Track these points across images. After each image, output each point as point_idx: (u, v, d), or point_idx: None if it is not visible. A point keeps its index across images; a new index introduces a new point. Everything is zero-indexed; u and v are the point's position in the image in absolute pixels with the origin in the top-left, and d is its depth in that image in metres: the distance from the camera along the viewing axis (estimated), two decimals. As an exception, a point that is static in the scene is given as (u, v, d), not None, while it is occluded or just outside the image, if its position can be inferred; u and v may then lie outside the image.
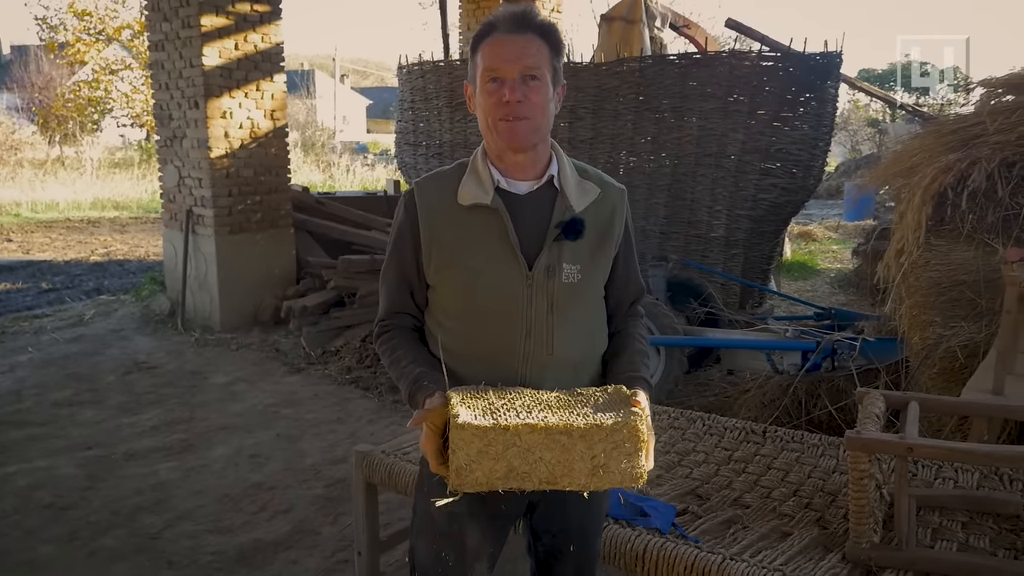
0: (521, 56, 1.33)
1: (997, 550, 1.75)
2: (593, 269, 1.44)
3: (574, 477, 1.22)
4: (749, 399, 3.67)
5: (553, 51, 1.37)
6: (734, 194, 5.42)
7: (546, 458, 1.21)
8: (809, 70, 5.20)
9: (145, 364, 5.30)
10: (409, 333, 1.49)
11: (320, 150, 23.33)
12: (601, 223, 1.45)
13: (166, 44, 6.05)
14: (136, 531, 3.01)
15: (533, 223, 1.40)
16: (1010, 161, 2.96)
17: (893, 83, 27.97)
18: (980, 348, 2.87)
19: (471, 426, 1.19)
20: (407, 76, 7.44)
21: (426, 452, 1.27)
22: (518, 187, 1.41)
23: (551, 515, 1.50)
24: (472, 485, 1.20)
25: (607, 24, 6.84)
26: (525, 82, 1.33)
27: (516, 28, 1.34)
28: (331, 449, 3.85)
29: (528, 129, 1.35)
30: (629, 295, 1.56)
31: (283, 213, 6.47)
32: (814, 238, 11.33)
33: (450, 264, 1.40)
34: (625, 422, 1.22)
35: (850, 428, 1.74)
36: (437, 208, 1.41)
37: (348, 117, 39.38)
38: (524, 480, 1.21)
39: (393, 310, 1.50)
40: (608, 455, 1.22)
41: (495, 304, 1.38)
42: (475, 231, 1.39)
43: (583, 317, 1.45)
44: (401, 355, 1.43)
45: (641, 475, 1.22)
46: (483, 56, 1.36)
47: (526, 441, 1.20)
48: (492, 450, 1.19)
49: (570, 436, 1.20)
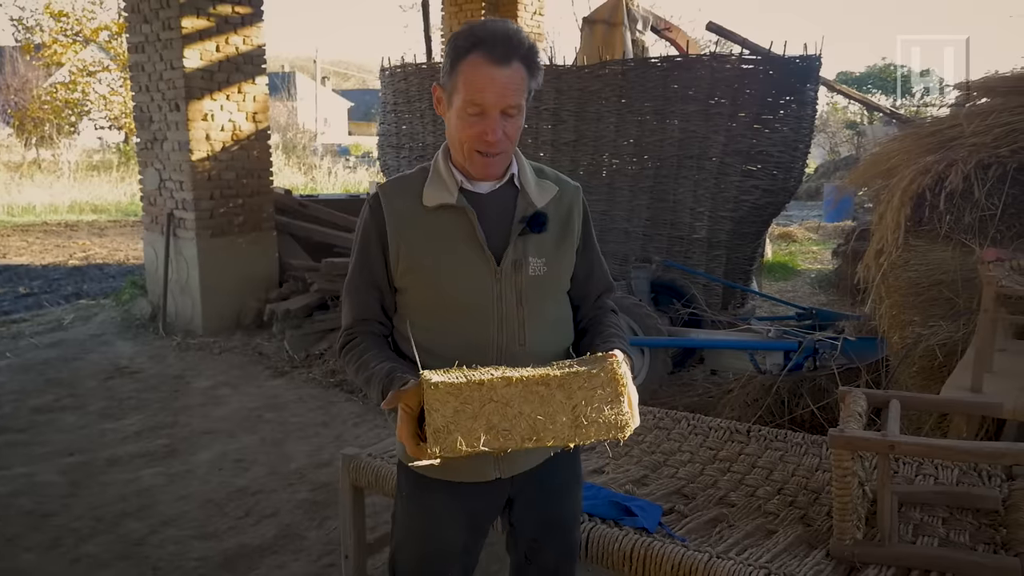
0: (505, 94, 1.32)
1: (977, 545, 1.78)
2: (558, 262, 1.48)
3: (557, 430, 1.19)
4: (732, 399, 3.70)
5: (532, 76, 1.37)
6: (716, 196, 5.46)
7: (526, 412, 1.18)
8: (789, 73, 5.26)
9: (127, 369, 5.25)
10: (377, 339, 1.47)
11: (301, 152, 23.19)
12: (561, 218, 1.49)
13: (146, 46, 6.00)
14: (120, 537, 2.99)
15: (497, 219, 1.43)
16: (986, 163, 3.01)
17: (870, 86, 28.34)
18: (958, 347, 2.91)
19: (444, 384, 1.16)
20: (390, 78, 7.43)
21: (401, 437, 1.22)
22: (480, 187, 1.44)
23: (529, 508, 1.52)
24: (452, 448, 1.15)
25: (589, 27, 6.87)
26: (505, 118, 1.35)
27: (503, 57, 1.31)
28: (316, 453, 3.84)
29: (502, 162, 1.41)
30: (594, 288, 1.59)
31: (265, 216, 6.43)
32: (794, 239, 11.44)
33: (419, 264, 1.42)
34: (602, 367, 1.22)
35: (832, 426, 1.76)
36: (403, 211, 1.43)
37: (329, 119, 39.20)
38: (506, 438, 1.17)
39: (360, 317, 1.48)
40: (588, 402, 1.20)
41: (466, 299, 1.40)
42: (442, 230, 1.41)
43: (551, 309, 1.49)
44: (370, 357, 1.40)
45: (626, 423, 1.20)
46: (465, 81, 1.32)
47: (503, 395, 1.17)
48: (469, 408, 1.16)
49: (548, 386, 1.19)
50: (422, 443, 1.18)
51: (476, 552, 1.52)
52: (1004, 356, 2.62)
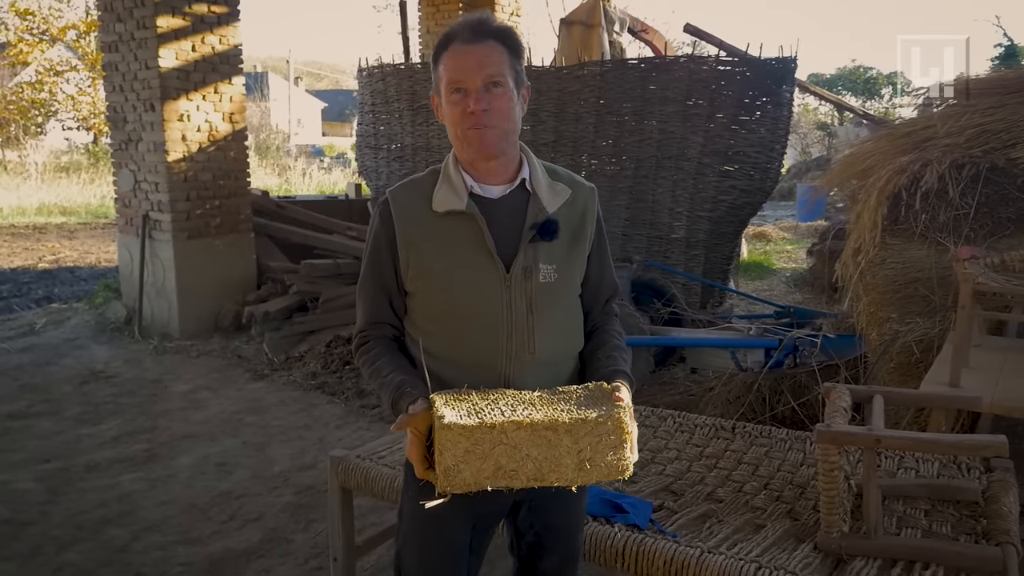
0: (482, 65, 1.34)
1: (959, 535, 1.82)
2: (569, 268, 1.47)
3: (561, 472, 1.23)
4: (714, 397, 3.74)
5: (513, 55, 1.39)
6: (694, 196, 5.53)
7: (533, 455, 1.22)
8: (765, 74, 5.34)
9: (102, 373, 5.17)
10: (389, 343, 1.49)
11: (275, 154, 22.98)
12: (574, 223, 1.48)
13: (120, 45, 5.92)
14: (102, 544, 2.95)
15: (508, 226, 1.42)
16: (960, 163, 3.09)
17: (840, 87, 28.78)
18: (934, 343, 2.98)
19: (457, 426, 1.19)
20: (367, 79, 7.40)
21: (411, 458, 1.26)
22: (491, 191, 1.43)
23: (535, 513, 1.52)
24: (461, 486, 1.20)
25: (567, 28, 6.91)
26: (488, 90, 1.35)
27: (474, 37, 1.35)
28: (300, 455, 3.81)
29: (496, 136, 1.37)
30: (604, 293, 1.58)
31: (243, 217, 6.38)
32: (769, 239, 11.59)
33: (429, 271, 1.41)
34: (609, 415, 1.24)
35: (813, 422, 1.80)
36: (413, 216, 1.42)
37: (303, 120, 38.90)
38: (512, 478, 1.22)
39: (372, 320, 1.50)
40: (594, 448, 1.23)
41: (475, 307, 1.40)
42: (452, 237, 1.41)
43: (561, 316, 1.48)
44: (382, 364, 1.42)
45: (627, 467, 1.24)
46: (445, 68, 1.37)
47: (513, 438, 1.21)
48: (479, 449, 1.20)
49: (556, 431, 1.22)
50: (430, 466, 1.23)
51: (481, 553, 1.52)
52: (979, 351, 2.68)
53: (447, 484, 1.20)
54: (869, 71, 31.04)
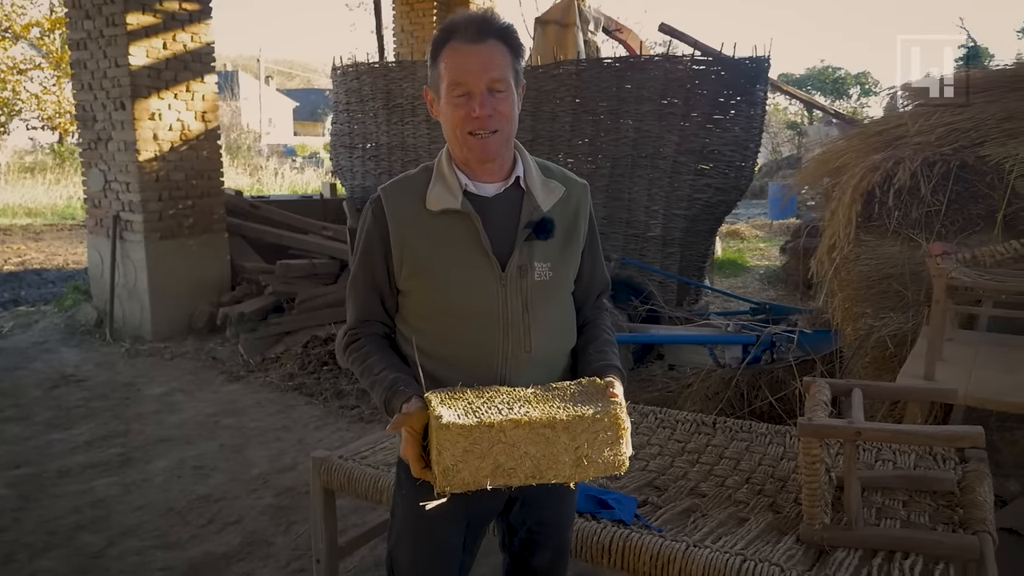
0: (486, 68, 1.33)
1: (937, 525, 1.86)
2: (563, 266, 1.46)
3: (559, 469, 1.24)
4: (693, 393, 3.78)
5: (514, 55, 1.38)
6: (670, 194, 5.57)
7: (531, 452, 1.22)
8: (739, 74, 5.39)
9: (73, 377, 5.07)
10: (380, 341, 1.48)
11: (246, 153, 22.71)
12: (568, 220, 1.47)
13: (89, 42, 5.81)
14: (77, 551, 2.89)
15: (503, 224, 1.41)
16: (931, 160, 3.15)
17: (810, 87, 29.17)
18: (908, 337, 3.04)
19: (456, 426, 1.18)
20: (342, 78, 7.36)
21: (407, 457, 1.25)
22: (485, 190, 1.42)
23: (528, 509, 1.53)
24: (460, 485, 1.20)
25: (542, 27, 6.93)
26: (492, 94, 1.34)
27: (477, 36, 1.33)
28: (278, 457, 3.78)
29: (498, 142, 1.37)
30: (595, 289, 1.58)
31: (216, 218, 6.30)
32: (742, 236, 11.72)
33: (423, 270, 1.40)
34: (606, 411, 1.25)
35: (790, 417, 1.82)
36: (406, 215, 1.41)
37: (274, 120, 38.53)
38: (510, 476, 1.22)
39: (363, 318, 1.48)
40: (591, 445, 1.24)
41: (471, 306, 1.39)
42: (446, 235, 1.40)
43: (556, 314, 1.47)
44: (373, 362, 1.41)
45: (623, 462, 1.25)
46: (447, 67, 1.35)
47: (511, 437, 1.21)
48: (478, 448, 1.19)
49: (554, 429, 1.22)
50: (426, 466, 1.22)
51: (474, 551, 1.52)
52: (952, 345, 2.74)
53: (446, 484, 1.20)
54: (838, 71, 31.54)
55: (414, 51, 8.56)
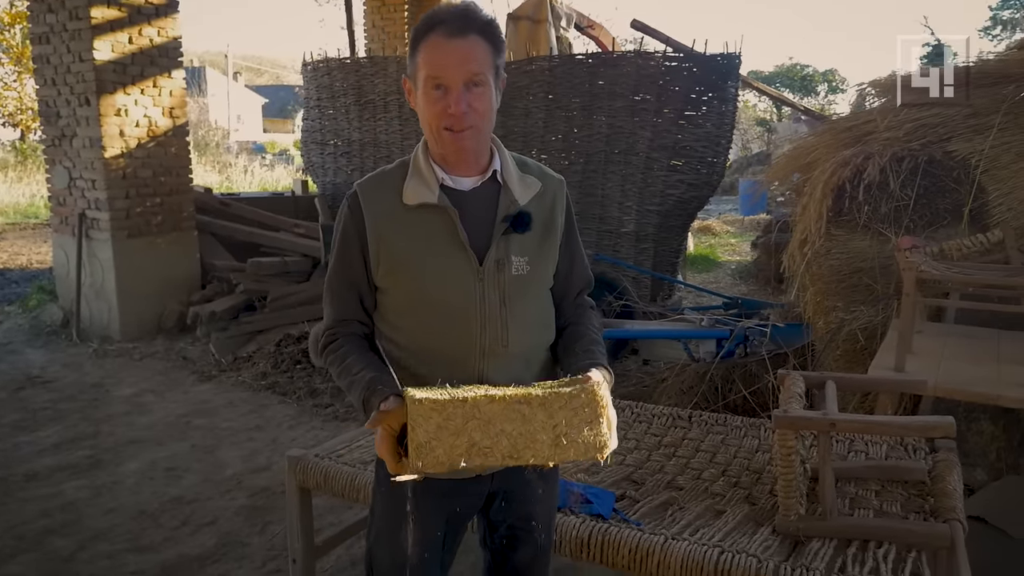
0: (465, 62, 1.31)
1: (908, 514, 1.89)
2: (541, 261, 1.46)
3: (537, 449, 1.20)
4: (668, 387, 3.80)
5: (495, 50, 1.36)
6: (643, 190, 5.60)
7: (507, 430, 1.19)
8: (711, 70, 5.43)
9: (39, 378, 4.97)
10: (358, 340, 1.46)
11: (215, 150, 22.40)
12: (544, 215, 1.47)
13: (52, 36, 5.69)
14: (47, 555, 2.83)
15: (480, 218, 1.40)
16: (900, 156, 3.20)
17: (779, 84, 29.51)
18: (878, 330, 3.09)
19: (428, 400, 1.16)
20: (312, 73, 7.28)
21: (382, 454, 1.24)
22: (462, 183, 1.41)
23: (509, 505, 1.52)
24: (434, 464, 1.17)
25: (514, 23, 6.92)
26: (469, 89, 1.32)
27: (459, 30, 1.31)
28: (252, 457, 3.73)
29: (473, 138, 1.36)
30: (575, 285, 1.57)
31: (185, 215, 6.20)
32: (714, 232, 11.82)
33: (401, 265, 1.39)
34: (583, 388, 1.23)
35: (764, 410, 1.84)
36: (383, 210, 1.40)
37: (243, 116, 38.02)
38: (487, 455, 1.19)
39: (340, 318, 1.46)
40: (569, 423, 1.21)
41: (449, 300, 1.38)
42: (423, 230, 1.39)
43: (534, 308, 1.47)
44: (352, 362, 1.39)
45: (604, 444, 1.22)
46: (425, 59, 1.33)
47: (485, 412, 1.18)
48: (452, 424, 1.17)
49: (530, 405, 1.20)
50: (403, 460, 1.19)
51: (454, 549, 1.51)
52: (921, 337, 2.79)
53: (419, 461, 1.16)
54: (806, 68, 31.94)
55: (385, 47, 8.49)
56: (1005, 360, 2.64)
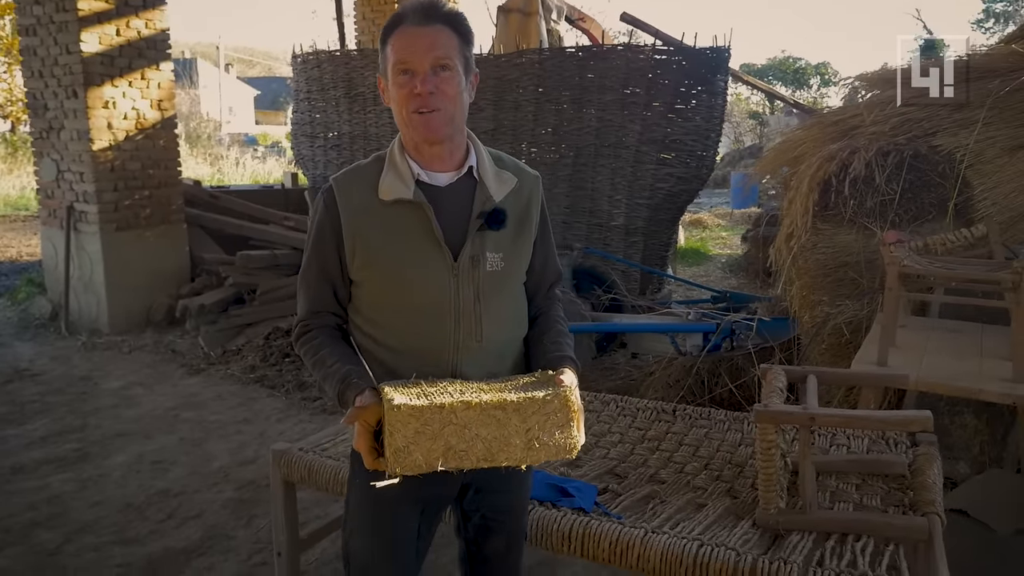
0: (431, 47, 1.33)
1: (888, 507, 1.91)
2: (515, 257, 1.47)
3: (511, 452, 1.26)
4: (655, 380, 3.82)
5: (463, 40, 1.38)
6: (633, 184, 5.60)
7: (483, 434, 1.24)
8: (701, 63, 5.43)
9: (27, 371, 4.95)
10: (332, 332, 1.47)
11: (206, 143, 22.28)
12: (519, 211, 1.48)
13: (38, 28, 5.64)
14: (33, 548, 2.83)
15: (455, 214, 1.41)
16: (885, 150, 3.21)
17: (771, 77, 29.51)
18: (863, 324, 3.10)
19: (407, 407, 1.20)
20: (302, 66, 7.25)
21: (359, 449, 1.26)
22: (438, 179, 1.42)
23: (481, 495, 1.54)
24: (411, 467, 1.21)
25: (505, 16, 6.90)
26: (436, 73, 1.34)
27: (424, 19, 1.35)
28: (239, 450, 3.73)
29: (442, 120, 1.36)
30: (547, 279, 1.59)
31: (174, 208, 6.18)
32: (704, 225, 11.84)
33: (375, 260, 1.40)
34: (556, 393, 1.27)
35: (749, 403, 1.85)
36: (358, 205, 1.40)
37: (235, 108, 37.86)
38: (462, 458, 1.24)
39: (314, 309, 1.47)
40: (542, 427, 1.26)
41: (423, 296, 1.39)
42: (398, 225, 1.39)
43: (508, 304, 1.48)
44: (325, 355, 1.40)
45: (574, 446, 1.28)
46: (393, 48, 1.36)
47: (462, 418, 1.23)
48: (429, 429, 1.21)
49: (504, 410, 1.24)
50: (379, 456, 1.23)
51: (429, 538, 1.53)
52: (904, 331, 2.80)
53: (397, 465, 1.21)
54: (798, 61, 31.96)
55: (375, 39, 8.44)
56: (988, 355, 2.65)
